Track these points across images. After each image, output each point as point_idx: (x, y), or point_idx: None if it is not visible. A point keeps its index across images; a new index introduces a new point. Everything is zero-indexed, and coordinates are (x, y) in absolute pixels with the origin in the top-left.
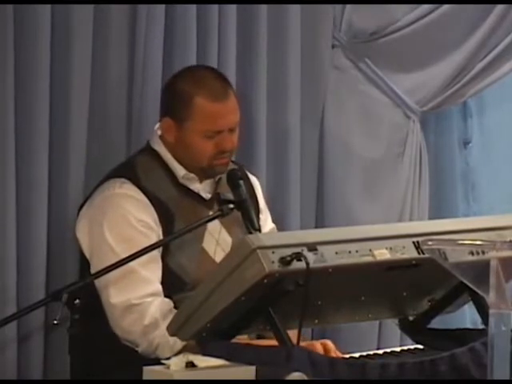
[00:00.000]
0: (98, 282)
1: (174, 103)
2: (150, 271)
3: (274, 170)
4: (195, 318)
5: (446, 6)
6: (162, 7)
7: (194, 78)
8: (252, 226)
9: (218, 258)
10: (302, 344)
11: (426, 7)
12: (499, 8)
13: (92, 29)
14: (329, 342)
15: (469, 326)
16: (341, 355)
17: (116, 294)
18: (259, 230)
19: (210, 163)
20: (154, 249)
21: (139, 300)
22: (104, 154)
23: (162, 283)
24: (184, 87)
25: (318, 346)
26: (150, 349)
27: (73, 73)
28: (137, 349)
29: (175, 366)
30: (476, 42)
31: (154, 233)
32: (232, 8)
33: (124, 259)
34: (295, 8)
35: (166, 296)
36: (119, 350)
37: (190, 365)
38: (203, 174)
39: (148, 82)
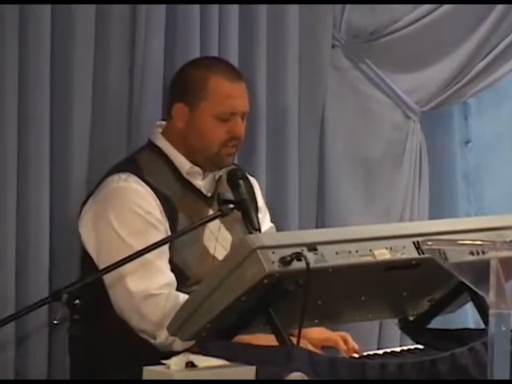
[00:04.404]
0: (111, 275)
1: (188, 87)
2: (163, 262)
3: (274, 171)
4: (195, 317)
5: (446, 6)
6: (162, 7)
7: (205, 63)
8: (252, 226)
9: (218, 254)
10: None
11: (426, 7)
12: (499, 8)
13: (94, 28)
14: (346, 335)
15: (472, 326)
16: (357, 348)
17: (135, 283)
18: (259, 230)
19: (219, 150)
20: (164, 243)
21: (158, 290)
22: (105, 152)
23: None
24: (197, 71)
25: (337, 339)
26: (167, 341)
27: (74, 71)
28: (153, 341)
29: (175, 366)
30: (476, 41)
31: (162, 225)
32: (233, 8)
33: (135, 253)
34: (295, 8)
35: None
36: (119, 350)
37: (190, 365)
38: (209, 164)
39: (149, 81)
